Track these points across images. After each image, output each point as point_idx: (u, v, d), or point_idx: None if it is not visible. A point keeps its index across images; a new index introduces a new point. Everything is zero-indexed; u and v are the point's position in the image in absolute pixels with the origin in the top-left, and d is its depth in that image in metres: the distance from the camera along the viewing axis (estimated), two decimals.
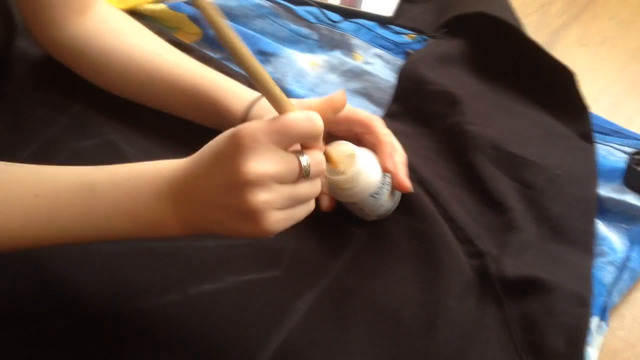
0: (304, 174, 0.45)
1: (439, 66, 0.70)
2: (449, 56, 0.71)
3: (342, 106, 0.50)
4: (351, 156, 0.54)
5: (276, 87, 0.45)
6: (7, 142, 0.68)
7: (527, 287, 0.54)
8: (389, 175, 0.56)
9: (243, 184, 0.43)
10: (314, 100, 0.48)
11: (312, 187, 0.47)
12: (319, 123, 0.45)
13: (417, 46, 0.77)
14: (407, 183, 0.56)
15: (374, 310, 0.54)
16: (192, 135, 0.67)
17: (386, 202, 0.58)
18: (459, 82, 0.69)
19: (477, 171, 0.62)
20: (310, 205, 0.48)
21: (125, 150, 0.67)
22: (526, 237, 0.57)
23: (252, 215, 0.44)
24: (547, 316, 0.51)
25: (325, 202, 0.58)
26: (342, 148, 0.54)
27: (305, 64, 0.76)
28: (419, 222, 0.59)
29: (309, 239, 0.59)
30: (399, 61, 0.76)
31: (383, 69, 0.76)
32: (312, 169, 0.46)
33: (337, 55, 0.77)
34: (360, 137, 0.58)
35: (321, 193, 0.56)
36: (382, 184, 0.56)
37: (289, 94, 0.72)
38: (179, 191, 0.47)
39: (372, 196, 0.55)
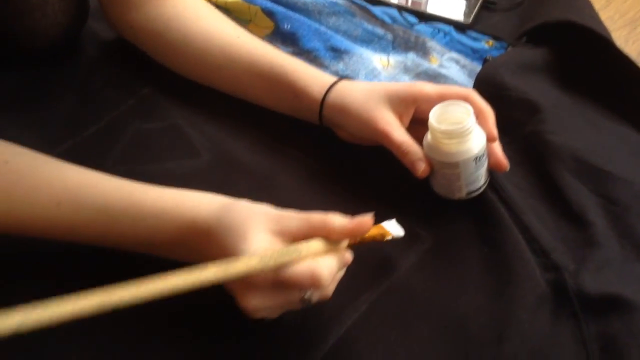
0: (305, 304, 0.46)
1: (521, 73, 0.67)
2: (531, 64, 0.68)
3: (368, 230, 0.49)
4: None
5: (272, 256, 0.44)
6: (75, 120, 0.69)
7: (609, 305, 0.49)
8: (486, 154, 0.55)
9: (242, 307, 0.45)
10: (339, 222, 0.47)
11: (315, 299, 0.47)
12: (323, 280, 0.44)
13: (495, 53, 0.75)
14: (505, 160, 0.56)
15: (438, 316, 0.51)
16: (257, 126, 0.67)
17: (482, 176, 0.56)
18: (541, 91, 0.66)
19: (556, 182, 0.58)
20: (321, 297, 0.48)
21: (191, 135, 0.66)
22: (608, 254, 0.53)
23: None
24: (630, 337, 0.47)
25: (422, 167, 0.55)
26: (455, 107, 0.54)
27: (377, 64, 0.74)
28: (490, 229, 0.56)
29: None
30: (475, 67, 0.74)
31: (459, 73, 0.73)
32: (314, 300, 0.46)
33: (411, 57, 0.75)
34: None
35: (417, 159, 0.55)
36: (484, 153, 0.55)
37: None
38: (195, 249, 0.49)
39: (475, 161, 0.54)
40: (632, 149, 0.62)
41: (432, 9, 0.81)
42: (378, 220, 0.53)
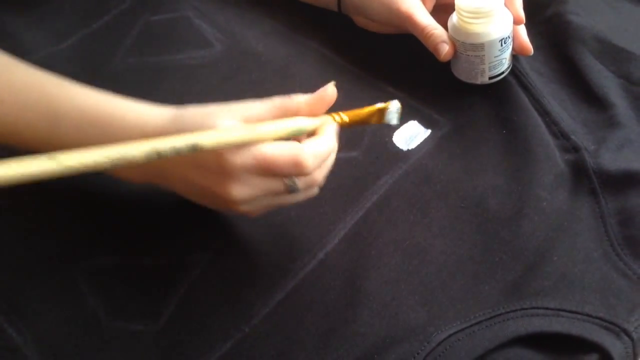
0: (290, 191, 0.44)
1: None
2: None
3: (333, 101, 0.46)
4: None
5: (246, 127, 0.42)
6: (82, 13, 0.67)
7: (628, 181, 0.50)
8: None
9: (227, 200, 0.43)
10: (302, 98, 0.44)
11: (303, 195, 0.46)
12: (308, 166, 0.42)
13: None
14: (529, 44, 0.56)
15: (456, 196, 0.51)
16: (270, 16, 0.65)
17: (506, 60, 0.55)
18: None
19: (578, 65, 0.58)
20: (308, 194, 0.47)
21: (202, 27, 0.65)
22: (629, 133, 0.53)
23: (236, 213, 0.45)
24: None
25: (445, 49, 0.55)
26: None
27: None
28: (510, 113, 0.56)
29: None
30: None
31: None
32: (302, 186, 0.44)
33: None
34: None
35: (441, 41, 0.54)
36: (510, 36, 0.54)
37: None
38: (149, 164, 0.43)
39: (501, 42, 0.53)
40: None
41: None
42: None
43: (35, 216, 0.52)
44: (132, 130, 0.45)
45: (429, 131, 0.55)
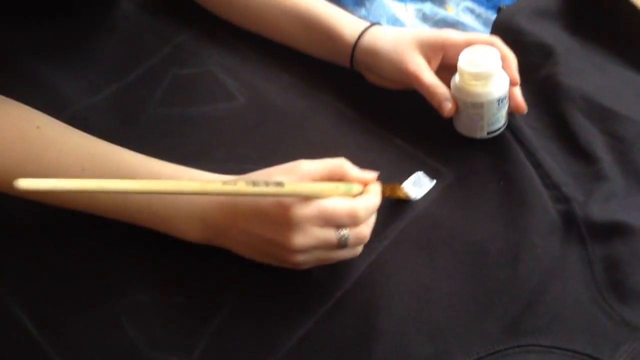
0: (341, 246, 0.50)
1: (535, 19, 0.71)
2: (545, 10, 0.72)
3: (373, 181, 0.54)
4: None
5: (313, 185, 0.49)
6: (115, 67, 0.73)
7: (613, 231, 0.55)
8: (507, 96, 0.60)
9: (287, 249, 0.49)
10: (351, 169, 0.52)
11: (350, 252, 0.53)
12: (361, 216, 0.50)
13: (508, 1, 0.79)
14: (524, 103, 0.61)
15: (460, 242, 0.57)
16: (289, 71, 0.71)
17: (502, 117, 0.61)
18: (554, 35, 0.70)
19: (567, 122, 0.63)
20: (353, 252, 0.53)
21: (226, 81, 0.71)
22: (613, 187, 0.59)
23: (288, 264, 0.52)
24: (632, 258, 0.53)
25: (448, 107, 0.60)
26: (483, 52, 0.58)
27: (398, 10, 0.78)
28: (507, 166, 0.61)
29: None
30: (489, 15, 0.78)
31: (474, 21, 0.78)
32: (351, 241, 0.50)
33: (428, 6, 0.79)
34: None
35: (444, 99, 0.60)
36: (506, 96, 0.60)
37: None
38: (212, 220, 0.52)
39: (498, 102, 0.59)
40: (636, 91, 0.67)
41: None
42: (407, 160, 0.59)
43: (82, 257, 0.57)
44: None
45: (434, 181, 0.61)
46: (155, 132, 0.60)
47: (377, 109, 0.68)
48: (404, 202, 0.60)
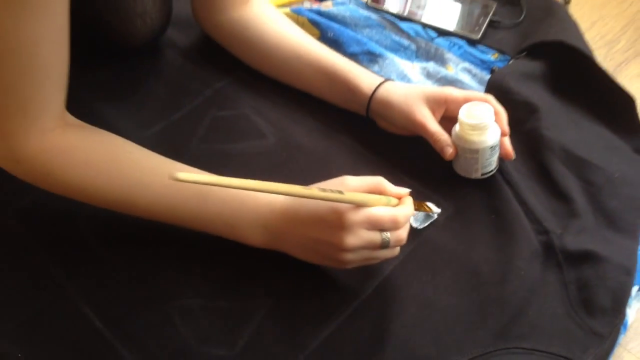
0: (383, 246, 0.61)
1: (522, 81, 0.83)
2: (530, 74, 0.84)
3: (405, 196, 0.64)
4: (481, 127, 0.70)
5: (364, 196, 0.59)
6: (163, 108, 0.85)
7: (584, 258, 0.67)
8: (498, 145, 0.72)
9: (339, 248, 0.59)
10: (390, 186, 0.63)
11: (390, 253, 0.63)
12: (401, 222, 0.60)
13: (500, 64, 0.91)
14: (512, 151, 0.73)
15: (458, 264, 0.68)
16: (312, 115, 0.83)
17: (494, 162, 0.73)
18: (538, 95, 0.82)
19: (548, 168, 0.75)
20: (392, 253, 0.64)
21: (258, 122, 0.82)
22: (585, 223, 0.70)
23: (337, 263, 0.62)
24: (599, 280, 0.64)
25: (449, 151, 0.71)
26: (479, 107, 0.69)
27: (406, 67, 0.91)
28: (497, 202, 0.73)
29: None
30: (484, 75, 0.90)
31: (471, 80, 0.90)
32: (392, 242, 0.61)
33: (432, 65, 0.92)
34: None
35: (446, 145, 0.71)
36: (497, 144, 0.71)
37: None
38: (274, 226, 0.63)
39: (490, 149, 0.70)
40: (606, 144, 0.79)
41: (426, 18, 0.97)
42: (414, 195, 0.69)
43: (143, 268, 0.68)
44: (262, 202, 0.63)
45: (439, 210, 0.71)
46: (197, 164, 0.71)
47: (389, 151, 0.79)
48: (411, 231, 0.70)
